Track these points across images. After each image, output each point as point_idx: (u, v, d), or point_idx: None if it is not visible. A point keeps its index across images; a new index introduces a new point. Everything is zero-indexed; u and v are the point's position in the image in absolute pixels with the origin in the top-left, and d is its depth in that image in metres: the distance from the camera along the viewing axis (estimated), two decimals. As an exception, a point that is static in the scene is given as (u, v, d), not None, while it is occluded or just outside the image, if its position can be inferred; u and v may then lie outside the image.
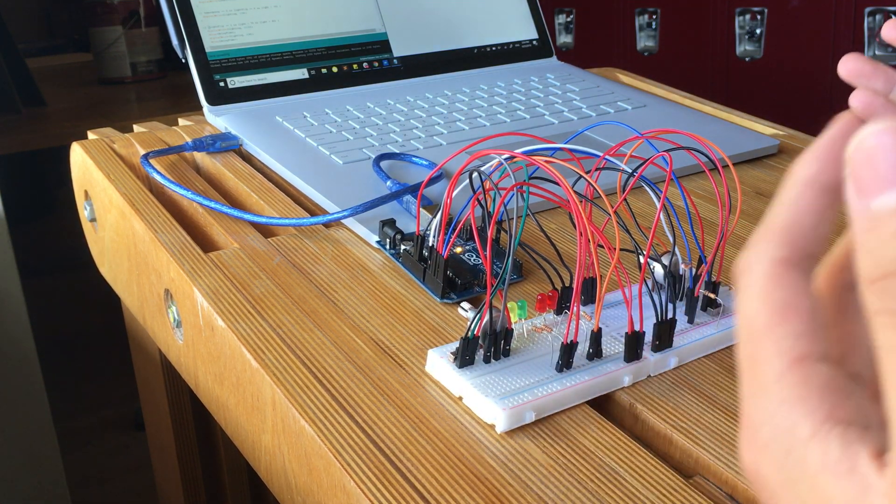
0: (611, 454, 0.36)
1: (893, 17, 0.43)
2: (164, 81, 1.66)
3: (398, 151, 0.66)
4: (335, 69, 0.79)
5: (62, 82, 1.73)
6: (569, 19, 1.67)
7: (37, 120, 1.48)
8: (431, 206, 0.55)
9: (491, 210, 0.42)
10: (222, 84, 0.74)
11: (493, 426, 0.37)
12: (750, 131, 0.74)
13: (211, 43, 0.74)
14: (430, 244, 0.48)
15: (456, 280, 0.48)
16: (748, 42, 1.40)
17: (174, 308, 0.53)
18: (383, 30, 0.82)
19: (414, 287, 0.49)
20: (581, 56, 1.65)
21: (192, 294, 0.49)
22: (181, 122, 0.75)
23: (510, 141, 0.66)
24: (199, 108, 0.74)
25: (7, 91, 1.45)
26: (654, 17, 1.52)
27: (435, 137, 0.69)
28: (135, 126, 0.74)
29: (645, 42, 1.55)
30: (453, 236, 0.46)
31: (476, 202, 0.42)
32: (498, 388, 0.38)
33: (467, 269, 0.50)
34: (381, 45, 0.81)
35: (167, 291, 0.54)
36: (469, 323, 0.39)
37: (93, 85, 1.66)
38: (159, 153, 0.65)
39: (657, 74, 0.94)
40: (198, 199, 0.58)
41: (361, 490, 0.34)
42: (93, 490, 1.43)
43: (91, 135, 0.71)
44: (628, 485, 0.35)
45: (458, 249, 0.52)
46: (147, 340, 0.72)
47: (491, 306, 0.39)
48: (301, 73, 0.77)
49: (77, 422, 1.56)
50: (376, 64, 0.81)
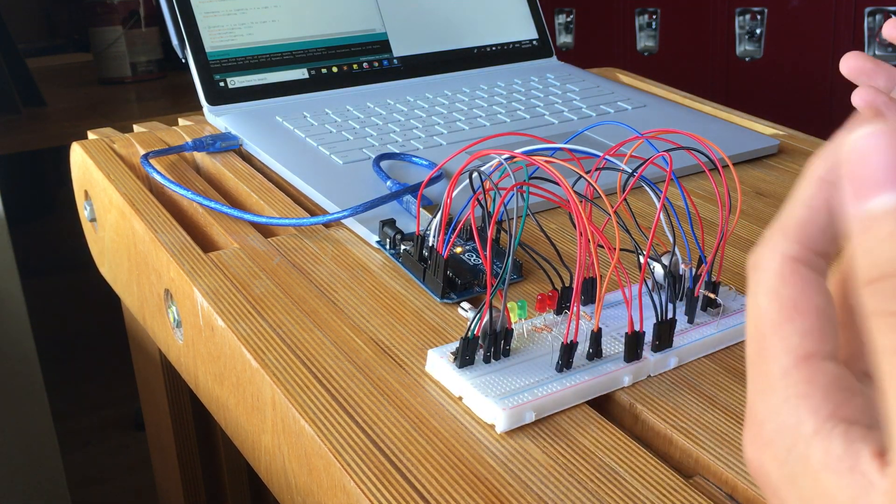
0: (611, 454, 0.36)
1: (894, 17, 0.43)
2: (164, 81, 1.66)
3: (398, 151, 0.66)
4: (335, 69, 0.79)
5: (62, 82, 1.73)
6: (569, 19, 1.67)
7: (37, 120, 1.48)
8: (431, 206, 0.55)
9: (491, 210, 0.42)
10: (222, 84, 0.74)
11: (493, 426, 0.37)
12: (750, 131, 0.74)
13: (211, 43, 0.74)
14: (430, 244, 0.48)
15: (456, 280, 0.48)
16: (748, 42, 1.40)
17: (174, 308, 0.53)
18: (383, 30, 0.82)
19: (414, 287, 0.49)
20: (581, 56, 1.65)
21: (192, 294, 0.49)
22: (181, 122, 0.75)
23: (510, 141, 0.66)
24: (199, 108, 0.74)
25: (7, 91, 1.45)
26: (654, 17, 1.52)
27: (435, 137, 0.69)
28: (135, 126, 0.74)
29: (645, 42, 1.55)
30: (453, 236, 0.46)
31: (476, 202, 0.42)
32: (498, 388, 0.38)
33: (467, 269, 0.50)
34: (381, 45, 0.81)
35: (167, 291, 0.54)
36: (469, 323, 0.39)
37: (93, 85, 1.66)
38: (159, 153, 0.65)
39: (657, 74, 0.94)
40: (198, 199, 0.58)
41: (361, 490, 0.34)
42: (93, 490, 1.43)
43: (91, 135, 0.71)
44: (628, 485, 0.35)
45: (458, 249, 0.52)
46: (147, 340, 0.72)
47: (491, 306, 0.39)
48: (301, 73, 0.77)
49: (77, 422, 1.56)
50: (376, 64, 0.81)
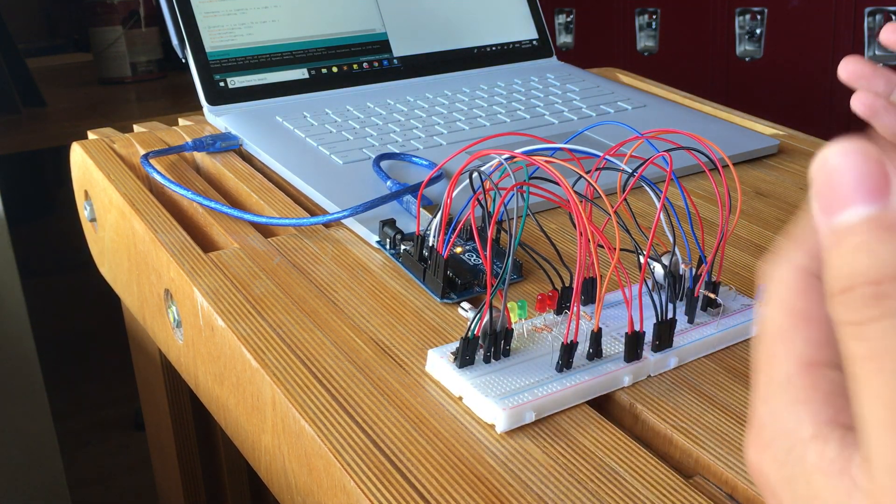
0: (611, 454, 0.36)
1: (892, 21, 0.43)
2: (164, 81, 1.66)
3: (398, 151, 0.66)
4: (335, 69, 0.79)
5: (62, 82, 1.73)
6: (569, 19, 1.67)
7: (37, 120, 1.48)
8: (431, 206, 0.55)
9: (491, 210, 0.42)
10: (222, 84, 0.74)
11: (493, 426, 0.37)
12: (750, 131, 0.74)
13: (211, 43, 0.74)
14: (430, 244, 0.48)
15: (456, 280, 0.48)
16: (748, 42, 1.40)
17: (174, 308, 0.53)
18: (383, 30, 0.82)
19: (414, 287, 0.49)
20: (581, 56, 1.65)
21: (192, 294, 0.49)
22: (181, 122, 0.75)
23: (510, 141, 0.66)
24: (199, 108, 0.74)
25: (7, 91, 1.45)
26: (654, 17, 1.52)
27: (435, 137, 0.69)
28: (135, 126, 0.74)
29: (645, 42, 1.55)
30: (453, 236, 0.46)
31: (476, 202, 0.42)
32: (498, 388, 0.38)
33: (467, 269, 0.50)
34: (381, 45, 0.81)
35: (167, 291, 0.54)
36: (469, 323, 0.39)
37: (93, 85, 1.66)
38: (159, 153, 0.65)
39: (657, 74, 0.94)
40: (198, 199, 0.58)
41: (361, 490, 0.34)
42: (93, 490, 1.43)
43: (91, 135, 0.71)
44: (628, 485, 0.35)
45: (458, 249, 0.52)
46: (147, 340, 0.72)
47: (491, 306, 0.39)
48: (301, 73, 0.77)
49: (77, 422, 1.56)
50: (376, 64, 0.81)
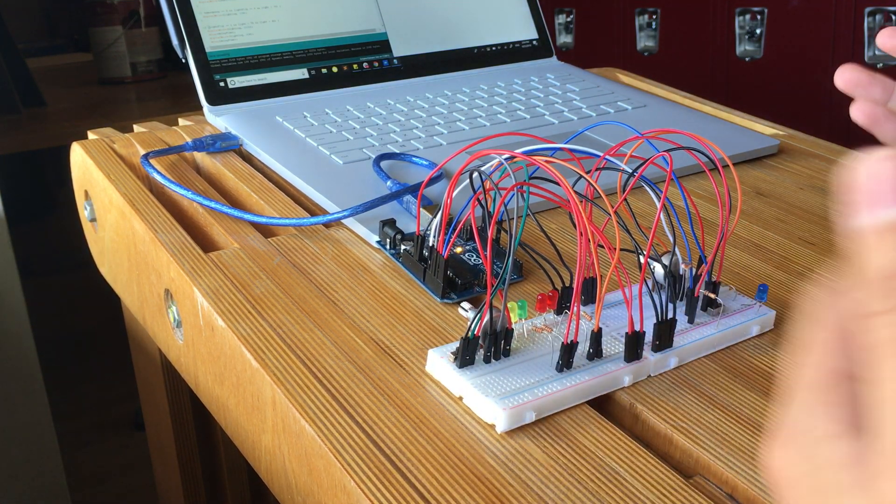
0: (611, 454, 0.36)
1: (890, 25, 0.43)
2: (164, 81, 1.66)
3: (398, 151, 0.66)
4: (335, 69, 0.79)
5: (62, 82, 1.73)
6: (569, 19, 1.67)
7: (37, 120, 1.48)
8: (431, 206, 0.55)
9: (491, 210, 0.42)
10: (222, 84, 0.74)
11: (493, 426, 0.37)
12: (750, 131, 0.74)
13: (211, 43, 0.74)
14: (430, 244, 0.48)
15: (456, 280, 0.48)
16: (748, 42, 1.40)
17: (174, 308, 0.53)
18: (383, 30, 0.82)
19: (414, 287, 0.49)
20: (581, 56, 1.65)
21: (192, 294, 0.49)
22: (181, 122, 0.75)
23: (510, 141, 0.66)
24: (199, 108, 0.74)
25: (7, 91, 1.45)
26: (654, 17, 1.52)
27: (435, 137, 0.69)
28: (135, 126, 0.74)
29: (645, 42, 1.55)
30: (453, 236, 0.46)
31: (476, 202, 0.42)
32: (498, 388, 0.38)
33: (467, 269, 0.50)
34: (381, 45, 0.81)
35: (167, 291, 0.54)
36: (469, 323, 0.39)
37: (93, 85, 1.66)
38: (159, 153, 0.65)
39: (657, 74, 0.94)
40: (198, 199, 0.58)
41: (361, 490, 0.34)
42: (93, 490, 1.43)
43: (91, 135, 0.71)
44: (628, 485, 0.35)
45: (458, 249, 0.52)
46: (147, 340, 0.72)
47: (491, 306, 0.39)
48: (301, 73, 0.77)
49: (77, 422, 1.56)
50: (376, 64, 0.81)
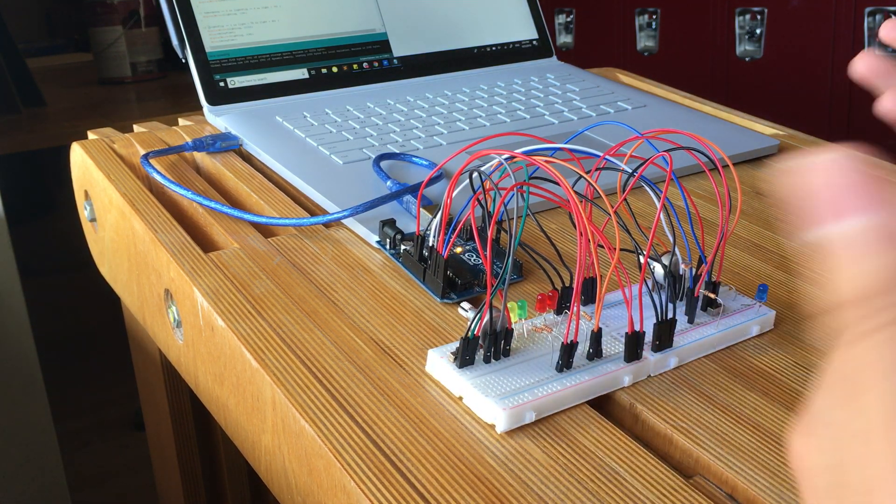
0: (611, 454, 0.36)
1: (892, 17, 0.43)
2: (164, 81, 1.66)
3: (398, 151, 0.66)
4: (335, 69, 0.79)
5: (62, 82, 1.73)
6: (569, 19, 1.67)
7: (37, 120, 1.48)
8: (431, 206, 0.55)
9: (491, 210, 0.42)
10: (222, 84, 0.74)
11: (493, 426, 0.37)
12: (750, 131, 0.74)
13: (211, 43, 0.74)
14: (430, 244, 0.48)
15: (456, 280, 0.48)
16: (748, 42, 1.40)
17: (174, 308, 0.53)
18: (383, 30, 0.82)
19: (414, 287, 0.49)
20: (581, 56, 1.65)
21: (192, 294, 0.49)
22: (181, 122, 0.75)
23: (510, 141, 0.66)
24: (199, 108, 0.74)
25: (7, 91, 1.45)
26: (654, 17, 1.52)
27: (435, 137, 0.69)
28: (135, 126, 0.74)
29: (645, 42, 1.55)
30: (453, 236, 0.46)
31: (476, 202, 0.42)
32: (498, 388, 0.38)
33: (467, 269, 0.50)
34: (381, 45, 0.81)
35: (167, 291, 0.54)
36: (469, 323, 0.39)
37: (93, 85, 1.66)
38: (159, 153, 0.65)
39: (657, 74, 0.94)
40: (198, 199, 0.58)
41: (361, 490, 0.34)
42: (93, 490, 1.43)
43: (91, 135, 0.71)
44: (628, 485, 0.35)
45: (458, 249, 0.52)
46: (147, 340, 0.72)
47: (491, 306, 0.39)
48: (301, 73, 0.77)
49: (77, 422, 1.56)
50: (376, 64, 0.81)
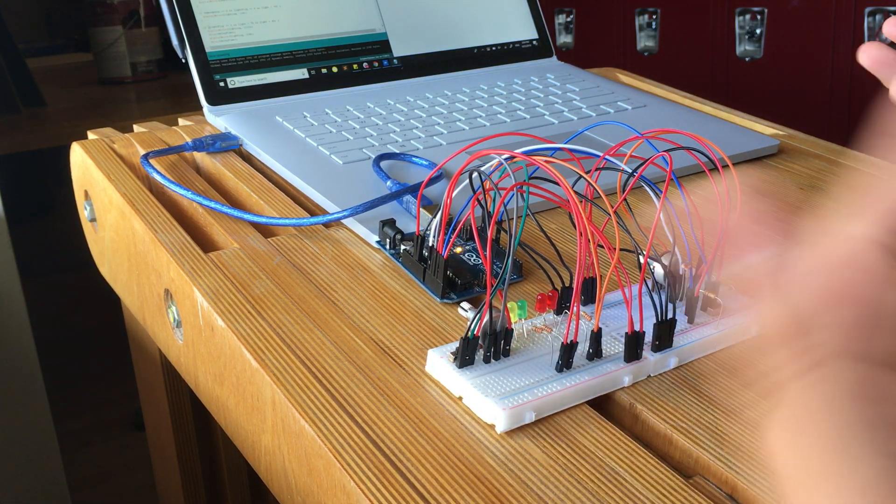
0: (611, 454, 0.36)
1: (894, 15, 0.43)
2: (164, 81, 1.66)
3: (398, 151, 0.66)
4: (335, 69, 0.79)
5: (62, 82, 1.73)
6: (569, 19, 1.67)
7: (37, 120, 1.48)
8: (431, 206, 0.55)
9: (491, 210, 0.42)
10: (222, 84, 0.74)
11: (493, 426, 0.37)
12: (750, 131, 0.74)
13: (211, 43, 0.74)
14: (430, 244, 0.48)
15: (456, 280, 0.48)
16: (748, 42, 1.40)
17: (174, 308, 0.53)
18: (383, 30, 0.82)
19: (414, 287, 0.49)
20: (581, 56, 1.65)
21: (192, 294, 0.49)
22: (181, 122, 0.75)
23: (510, 141, 0.66)
24: (199, 108, 0.74)
25: (7, 91, 1.45)
26: (654, 17, 1.52)
27: (435, 137, 0.69)
28: (135, 126, 0.74)
29: (645, 42, 1.55)
30: (453, 236, 0.46)
31: (476, 202, 0.42)
32: (498, 388, 0.38)
33: (467, 269, 0.50)
34: (381, 45, 0.81)
35: (167, 291, 0.54)
36: (469, 323, 0.39)
37: (93, 85, 1.66)
38: (159, 153, 0.65)
39: (657, 74, 0.94)
40: (198, 199, 0.58)
41: (361, 490, 0.34)
42: (93, 490, 1.43)
43: (91, 135, 0.71)
44: (628, 485, 0.35)
45: (458, 249, 0.52)
46: (147, 340, 0.72)
47: (491, 306, 0.39)
48: (301, 73, 0.77)
49: (77, 422, 1.56)
50: (376, 64, 0.81)
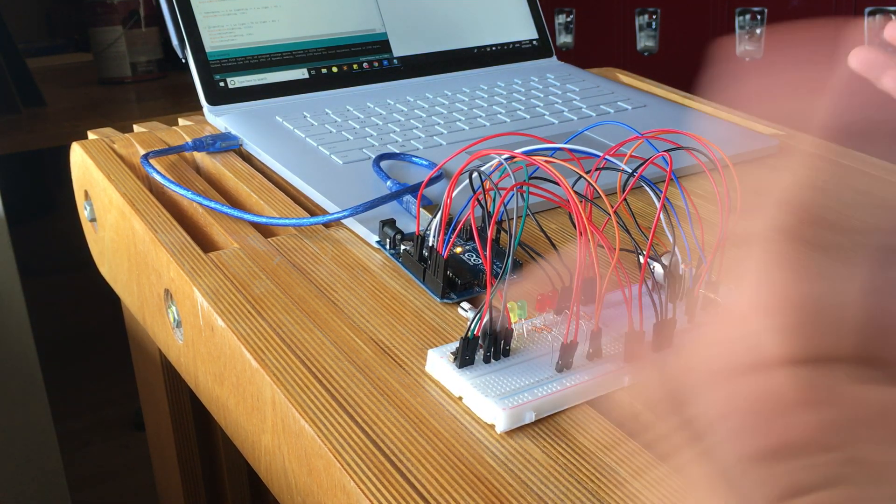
0: (611, 454, 0.36)
1: (894, 18, 0.43)
2: (164, 81, 1.66)
3: (398, 151, 0.66)
4: (335, 69, 0.79)
5: (62, 82, 1.73)
6: (569, 19, 1.67)
7: (37, 120, 1.48)
8: (431, 206, 0.55)
9: (491, 210, 0.42)
10: (222, 84, 0.74)
11: (493, 426, 0.37)
12: (750, 131, 0.74)
13: (211, 43, 0.74)
14: (430, 244, 0.48)
15: (456, 280, 0.48)
16: (748, 42, 1.40)
17: (174, 308, 0.53)
18: (383, 30, 0.82)
19: (414, 287, 0.49)
20: (581, 56, 1.65)
21: (192, 294, 0.49)
22: (181, 122, 0.75)
23: (510, 141, 0.66)
24: (199, 108, 0.74)
25: (7, 91, 1.45)
26: (654, 17, 1.52)
27: (435, 137, 0.69)
28: (135, 126, 0.74)
29: (645, 42, 1.55)
30: (453, 236, 0.46)
31: (476, 202, 0.42)
32: (498, 388, 0.38)
33: (467, 269, 0.50)
34: (381, 45, 0.81)
35: (167, 291, 0.54)
36: (469, 323, 0.39)
37: (93, 85, 1.66)
38: (159, 153, 0.65)
39: (657, 74, 0.94)
40: (198, 199, 0.58)
41: (361, 490, 0.34)
42: (93, 490, 1.43)
43: (91, 135, 0.71)
44: (628, 485, 0.35)
45: (458, 249, 0.52)
46: (147, 340, 0.72)
47: (491, 306, 0.39)
48: (301, 73, 0.77)
49: (77, 422, 1.56)
50: (376, 64, 0.81)
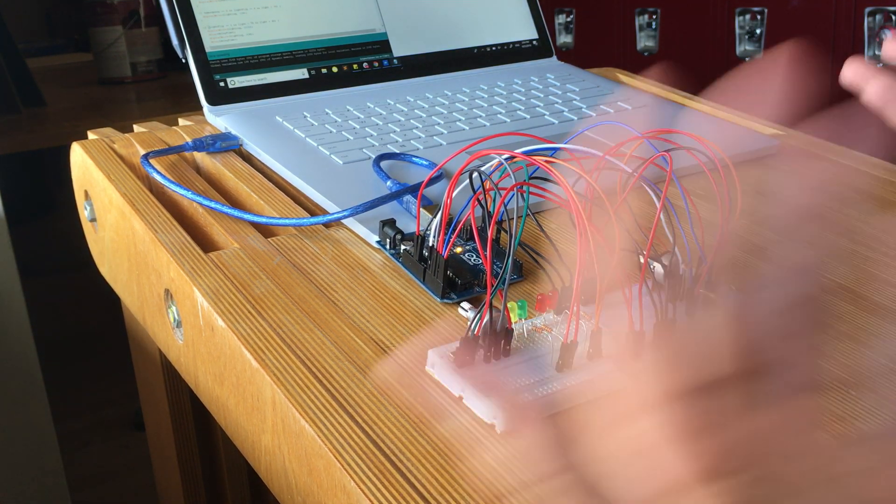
0: (611, 454, 0.36)
1: (891, 26, 0.44)
2: (164, 81, 1.66)
3: (398, 151, 0.66)
4: (335, 69, 0.79)
5: (62, 82, 1.73)
6: (569, 19, 1.67)
7: (37, 120, 1.48)
8: (431, 206, 0.55)
9: (491, 210, 0.42)
10: (222, 84, 0.74)
11: (493, 426, 0.37)
12: (750, 131, 0.74)
13: (211, 43, 0.74)
14: (430, 244, 0.48)
15: (456, 280, 0.48)
16: (748, 42, 1.40)
17: (174, 308, 0.53)
18: (383, 30, 0.82)
19: (414, 287, 0.49)
20: (581, 56, 1.65)
21: (192, 294, 0.49)
22: (181, 122, 0.75)
23: (510, 141, 0.66)
24: (199, 108, 0.74)
25: (7, 91, 1.45)
26: (654, 17, 1.52)
27: (435, 137, 0.69)
28: (135, 126, 0.74)
29: (645, 42, 1.55)
30: (453, 236, 0.46)
31: (476, 202, 0.42)
32: (498, 387, 0.38)
33: (467, 269, 0.50)
34: (381, 45, 0.81)
35: (167, 291, 0.54)
36: (469, 323, 0.39)
37: (93, 85, 1.66)
38: (159, 153, 0.65)
39: (657, 74, 0.93)
40: (198, 199, 0.58)
41: (361, 490, 0.34)
42: (93, 490, 1.43)
43: (91, 135, 0.71)
44: (628, 485, 0.35)
45: (458, 249, 0.52)
46: (147, 340, 0.72)
47: (491, 306, 0.39)
48: (301, 73, 0.77)
49: (77, 422, 1.56)
50: (376, 64, 0.81)
